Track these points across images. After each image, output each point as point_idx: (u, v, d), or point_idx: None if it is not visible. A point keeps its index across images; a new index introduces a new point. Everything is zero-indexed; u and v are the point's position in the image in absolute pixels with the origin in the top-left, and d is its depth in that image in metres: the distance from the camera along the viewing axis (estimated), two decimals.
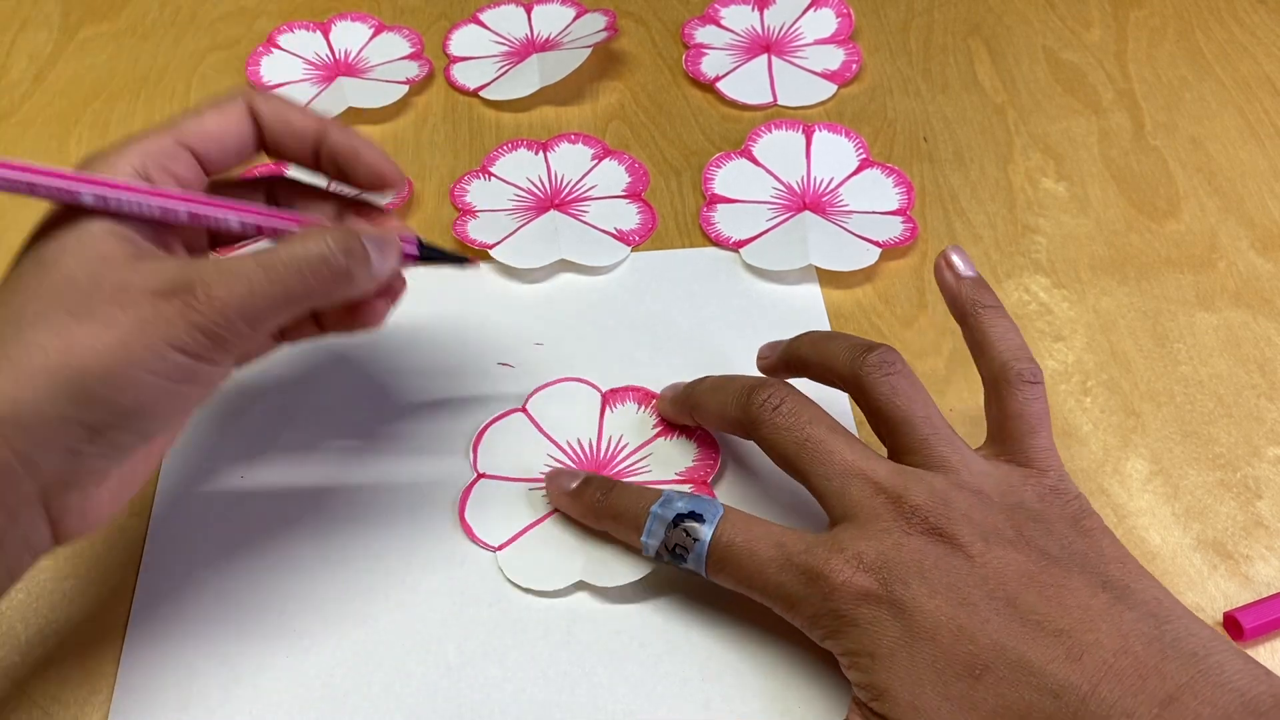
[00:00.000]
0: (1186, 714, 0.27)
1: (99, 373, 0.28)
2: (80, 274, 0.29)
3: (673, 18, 0.60)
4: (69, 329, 0.28)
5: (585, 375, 0.43)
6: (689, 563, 0.34)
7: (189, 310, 0.29)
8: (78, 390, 0.28)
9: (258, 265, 0.30)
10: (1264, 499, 0.39)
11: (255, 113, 0.34)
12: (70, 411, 0.28)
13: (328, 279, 0.31)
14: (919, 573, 0.30)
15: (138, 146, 0.32)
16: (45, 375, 0.28)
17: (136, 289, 0.29)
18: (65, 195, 0.30)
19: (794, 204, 0.49)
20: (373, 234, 0.33)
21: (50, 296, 0.29)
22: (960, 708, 0.29)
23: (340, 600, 0.37)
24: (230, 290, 0.29)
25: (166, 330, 0.29)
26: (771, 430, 0.34)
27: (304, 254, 0.31)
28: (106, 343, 0.28)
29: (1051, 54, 0.56)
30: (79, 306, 0.29)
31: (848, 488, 0.33)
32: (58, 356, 0.28)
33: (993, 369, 0.35)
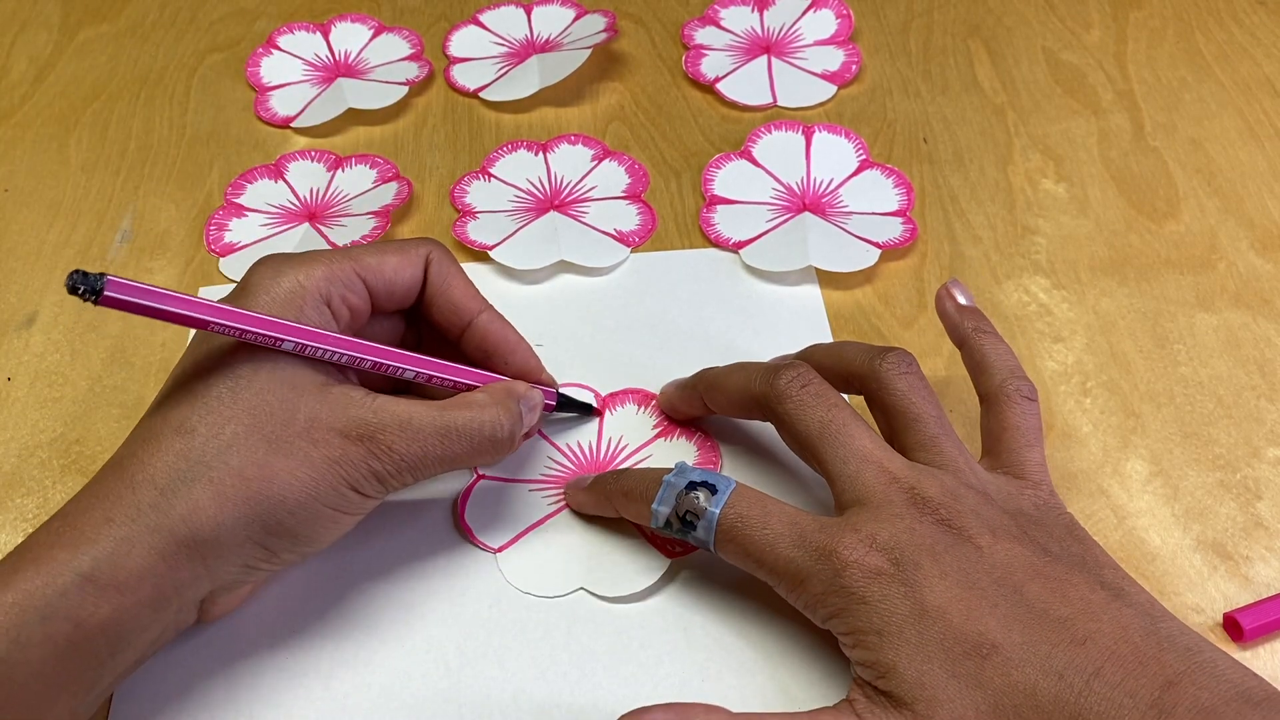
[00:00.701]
0: (1186, 697, 0.28)
1: (290, 505, 0.31)
2: (274, 401, 0.32)
3: (672, 19, 0.60)
4: (267, 460, 0.31)
5: (585, 376, 0.43)
6: (698, 532, 0.34)
7: (370, 457, 0.32)
8: (268, 519, 0.31)
9: (434, 429, 0.33)
10: (1264, 500, 0.39)
11: (428, 270, 0.37)
12: (258, 536, 0.31)
13: (489, 450, 0.35)
14: (930, 556, 0.31)
15: (324, 270, 0.34)
16: (245, 504, 0.31)
17: (325, 426, 0.32)
18: (271, 341, 0.32)
19: (794, 205, 0.49)
20: (530, 398, 0.37)
21: (247, 420, 0.31)
22: (967, 686, 0.29)
23: (340, 601, 0.37)
24: (408, 447, 0.33)
25: (349, 472, 0.32)
26: (797, 406, 0.35)
27: (476, 428, 0.34)
28: (300, 479, 0.31)
29: (1051, 55, 0.56)
30: (276, 437, 0.31)
31: (863, 473, 0.33)
32: (258, 487, 0.31)
33: (990, 386, 0.36)
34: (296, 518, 0.32)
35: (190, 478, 0.30)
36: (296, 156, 0.52)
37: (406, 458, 0.33)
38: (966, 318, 0.38)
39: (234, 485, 0.31)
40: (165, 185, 0.52)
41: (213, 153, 0.53)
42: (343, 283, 0.35)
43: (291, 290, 0.33)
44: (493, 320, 0.38)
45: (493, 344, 0.37)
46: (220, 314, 0.31)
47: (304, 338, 0.33)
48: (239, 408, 0.32)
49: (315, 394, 0.32)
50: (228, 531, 0.31)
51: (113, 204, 0.51)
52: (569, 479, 0.39)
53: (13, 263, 0.49)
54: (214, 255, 0.48)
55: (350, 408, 0.33)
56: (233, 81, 0.57)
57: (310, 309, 0.34)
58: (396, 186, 0.50)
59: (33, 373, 0.44)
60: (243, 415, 0.31)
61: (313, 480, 0.32)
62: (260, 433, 0.31)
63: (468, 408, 0.34)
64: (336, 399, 0.33)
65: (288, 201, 0.50)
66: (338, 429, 0.32)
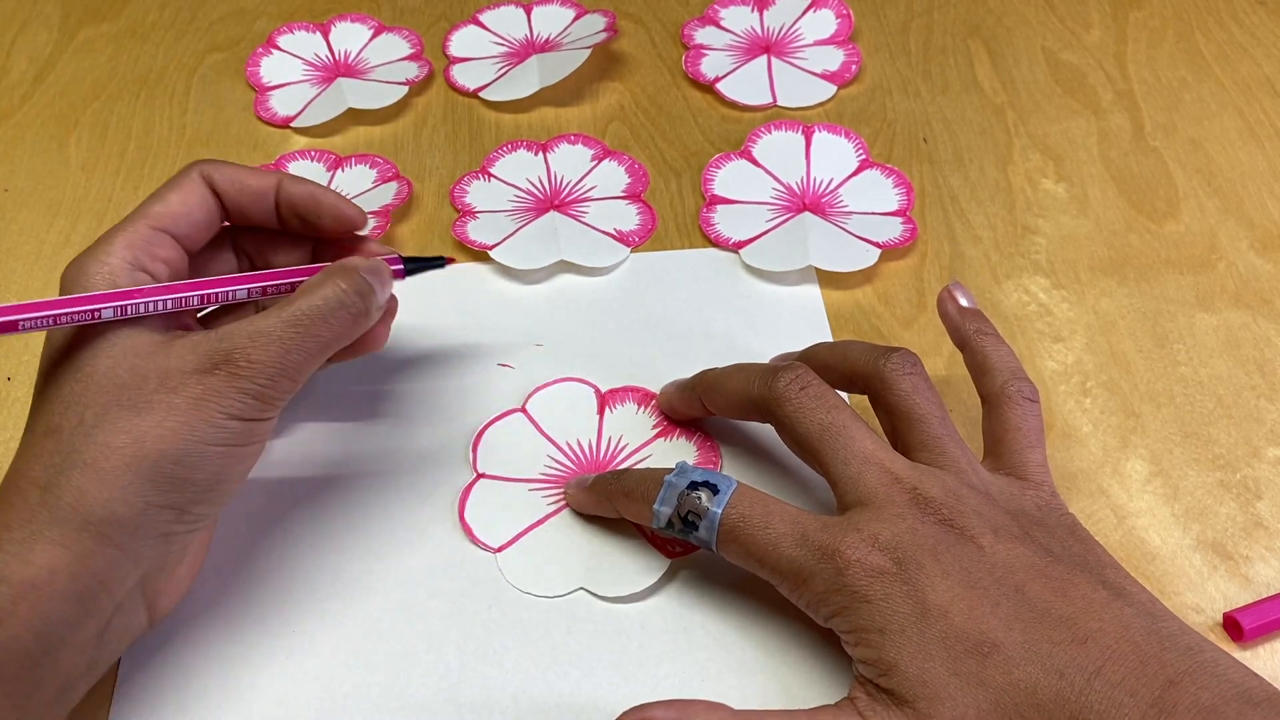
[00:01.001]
0: (1187, 696, 0.28)
1: (172, 455, 0.31)
2: (121, 371, 0.32)
3: (672, 18, 0.60)
4: (132, 424, 0.31)
5: (585, 375, 0.43)
6: (700, 532, 0.34)
7: (234, 379, 0.32)
8: (157, 477, 0.31)
9: (284, 323, 0.33)
10: (1264, 500, 0.39)
11: (211, 183, 0.36)
12: (156, 498, 0.31)
13: (348, 320, 0.34)
14: (932, 556, 0.31)
15: (122, 239, 0.34)
16: (125, 471, 0.31)
17: (178, 372, 0.32)
18: (89, 317, 0.32)
19: (794, 205, 0.49)
20: (367, 265, 0.35)
21: (102, 398, 0.31)
22: (969, 684, 0.29)
23: (340, 601, 0.37)
24: (266, 351, 0.32)
25: (219, 402, 0.32)
26: (796, 409, 0.35)
27: (324, 303, 0.33)
28: (170, 427, 0.31)
29: (1051, 55, 0.56)
30: (134, 401, 0.31)
31: (864, 474, 0.33)
32: (131, 450, 0.31)
33: (992, 388, 0.36)
34: (184, 465, 0.31)
35: (66, 466, 0.30)
36: (296, 156, 0.52)
37: (270, 362, 0.32)
38: (968, 319, 0.38)
39: (106, 458, 0.30)
40: None
41: (212, 152, 0.53)
42: (145, 242, 0.34)
43: (99, 271, 0.33)
44: (293, 183, 0.37)
45: (303, 206, 0.37)
46: (26, 309, 0.31)
47: (119, 299, 0.32)
48: (92, 391, 0.31)
49: (160, 352, 0.32)
50: (121, 504, 0.30)
51: (113, 204, 0.51)
52: (569, 478, 0.39)
53: (13, 263, 0.49)
54: None
55: (196, 348, 0.32)
56: (233, 81, 0.57)
57: (124, 280, 0.33)
58: (396, 186, 0.50)
59: (33, 372, 0.44)
60: (97, 396, 0.31)
61: (184, 424, 0.31)
62: (118, 405, 0.31)
63: (307, 292, 0.34)
64: (181, 347, 0.32)
65: None
66: (191, 370, 0.32)
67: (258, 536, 0.38)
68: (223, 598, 0.37)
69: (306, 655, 0.36)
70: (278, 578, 0.37)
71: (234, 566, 0.38)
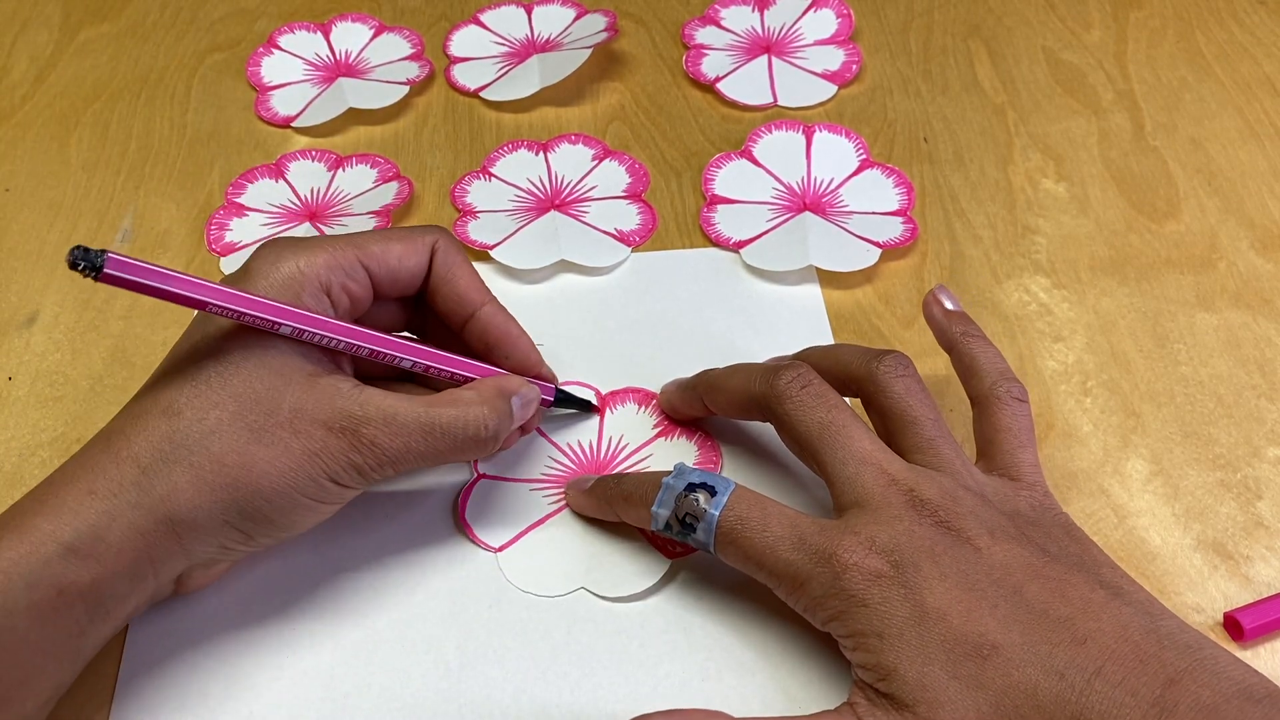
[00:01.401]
0: (1187, 695, 0.28)
1: (267, 494, 0.32)
2: (261, 388, 0.32)
3: (673, 18, 0.60)
4: (248, 448, 0.32)
5: (586, 375, 0.43)
6: (698, 534, 0.34)
7: (352, 450, 0.33)
8: (245, 506, 0.32)
9: (418, 424, 0.33)
10: (1264, 499, 0.39)
11: (434, 258, 0.37)
12: (235, 520, 0.32)
13: (471, 449, 0.35)
14: (930, 558, 0.31)
15: (326, 257, 0.35)
16: (222, 490, 0.31)
17: (309, 417, 0.32)
18: (268, 325, 0.32)
19: (794, 204, 0.49)
20: (526, 394, 0.36)
21: (233, 406, 0.32)
22: (968, 687, 0.29)
23: (340, 601, 0.37)
24: (391, 441, 0.33)
25: (329, 464, 0.32)
26: (796, 407, 0.35)
27: (461, 427, 0.34)
28: (279, 469, 0.32)
29: (1051, 55, 0.56)
30: (259, 426, 0.32)
31: (862, 475, 0.33)
32: (236, 474, 0.31)
33: (981, 389, 0.36)
34: (273, 505, 0.32)
35: (172, 459, 0.31)
36: (297, 156, 0.52)
37: (388, 452, 0.33)
38: (954, 322, 0.38)
39: (213, 471, 0.31)
40: (166, 185, 0.52)
41: (213, 152, 0.53)
42: (344, 270, 0.35)
43: (290, 276, 0.34)
44: (496, 313, 0.38)
45: (495, 337, 0.37)
46: (218, 295, 0.31)
47: (302, 322, 0.33)
48: (226, 393, 0.32)
49: (303, 384, 0.33)
50: (204, 515, 0.31)
51: (113, 203, 0.51)
52: (569, 478, 0.39)
53: (14, 262, 0.49)
54: (215, 255, 0.48)
55: (336, 399, 0.33)
56: (233, 81, 0.57)
57: (308, 296, 0.34)
58: (397, 186, 0.50)
59: (34, 372, 0.44)
60: (228, 401, 0.32)
61: (291, 471, 0.32)
62: (244, 420, 0.32)
63: (454, 404, 0.34)
64: (323, 390, 0.33)
65: (288, 201, 0.50)
66: (321, 420, 0.32)
67: None
68: (223, 597, 0.37)
69: (307, 655, 0.36)
70: (279, 578, 0.37)
71: (235, 566, 0.38)
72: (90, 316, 0.46)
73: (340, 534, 0.38)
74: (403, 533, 0.38)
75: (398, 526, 0.39)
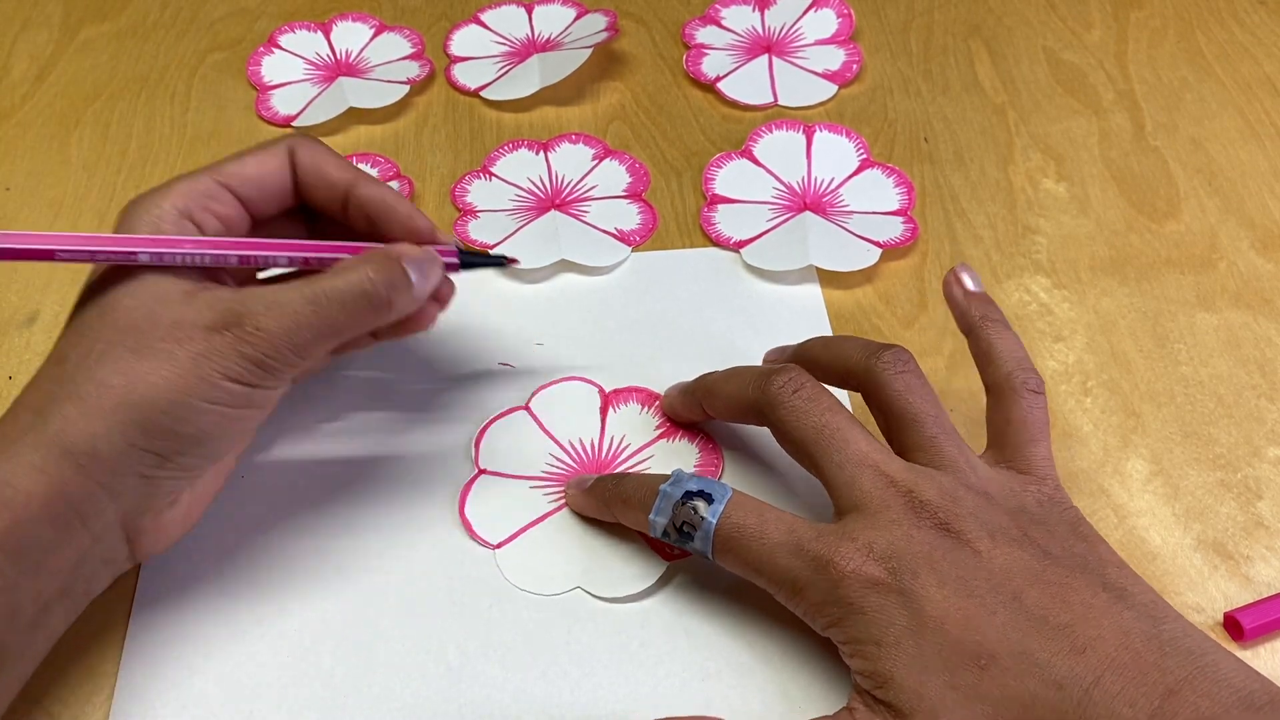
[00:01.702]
0: (1186, 706, 0.27)
1: (161, 405, 0.31)
2: (139, 314, 0.32)
3: (673, 18, 0.60)
4: (131, 366, 0.31)
5: (586, 375, 0.43)
6: (695, 542, 0.34)
7: (239, 342, 0.32)
8: (144, 422, 0.31)
9: (303, 298, 0.32)
10: (1264, 499, 0.39)
11: (293, 158, 0.36)
12: (140, 441, 0.31)
13: (369, 309, 0.34)
14: (928, 564, 0.31)
15: (180, 187, 0.34)
16: (114, 411, 0.31)
17: (189, 324, 0.32)
18: (125, 257, 0.32)
19: (794, 204, 0.49)
20: (414, 256, 0.35)
21: (112, 336, 0.32)
22: (966, 697, 0.29)
23: (340, 600, 0.37)
24: (278, 322, 0.32)
25: (219, 362, 0.32)
26: (790, 412, 0.34)
27: (346, 287, 0.33)
28: (165, 376, 0.31)
29: (1052, 54, 0.56)
30: (139, 344, 0.31)
31: (859, 477, 0.33)
32: (122, 392, 0.31)
33: (997, 378, 0.36)
34: (172, 417, 0.31)
35: (60, 396, 0.31)
36: None
37: (278, 334, 0.32)
38: (975, 305, 0.37)
39: (98, 395, 0.31)
40: None
41: (214, 152, 0.53)
42: (202, 194, 0.34)
43: (146, 212, 0.33)
44: (369, 186, 0.36)
45: (374, 209, 0.36)
46: (66, 240, 0.32)
47: (157, 246, 0.32)
48: (106, 328, 0.32)
49: (180, 300, 0.32)
50: (103, 440, 0.31)
51: (114, 203, 0.51)
52: (570, 477, 0.39)
53: (14, 261, 0.48)
54: None
55: (215, 304, 0.32)
56: (234, 81, 0.57)
57: (169, 227, 0.33)
58: (397, 185, 0.50)
59: (34, 371, 0.44)
60: (109, 332, 0.32)
61: (179, 377, 0.31)
62: (124, 344, 0.31)
63: (336, 273, 0.33)
64: (202, 300, 0.32)
65: None
66: (202, 324, 0.32)
67: (259, 536, 0.38)
68: (223, 596, 0.37)
69: (307, 654, 0.36)
70: (278, 577, 0.37)
71: (235, 564, 0.38)
72: None
73: (340, 533, 0.38)
74: (402, 528, 0.38)
75: (397, 522, 0.39)
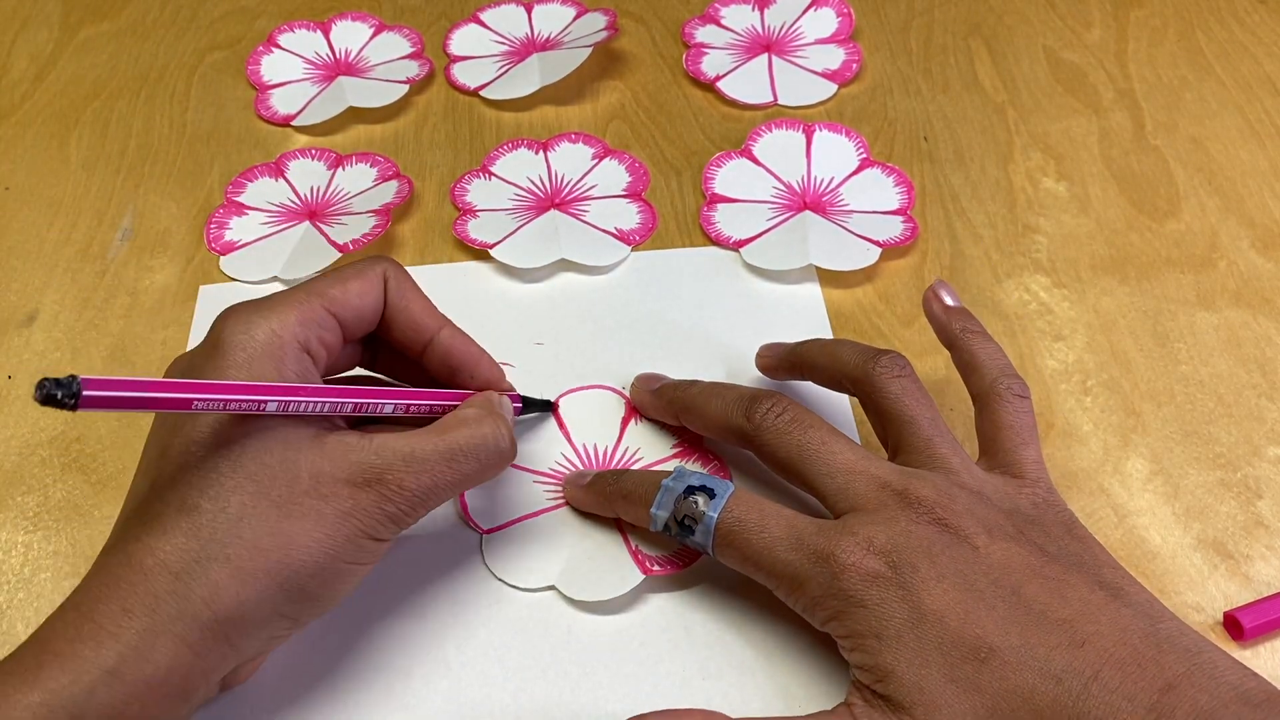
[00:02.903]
0: (1185, 701, 0.28)
1: (311, 569, 0.30)
2: (275, 463, 0.30)
3: (673, 17, 0.59)
4: (281, 527, 0.30)
5: (585, 375, 0.43)
6: (696, 536, 0.34)
7: (383, 501, 0.31)
8: (292, 589, 0.30)
9: (439, 455, 0.32)
10: (1264, 499, 0.39)
11: (386, 289, 0.35)
12: (283, 607, 0.30)
13: (495, 462, 0.34)
14: (928, 558, 0.31)
15: (296, 313, 0.33)
16: (266, 577, 0.29)
17: (330, 479, 0.31)
18: (254, 407, 0.30)
19: (794, 203, 0.49)
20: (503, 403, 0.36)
21: (253, 489, 0.30)
22: (965, 690, 0.29)
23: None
24: (418, 480, 0.32)
25: (365, 521, 0.31)
26: (774, 435, 0.35)
27: (480, 442, 0.33)
28: (318, 540, 0.30)
29: (1052, 54, 0.56)
30: (284, 500, 0.30)
31: (852, 484, 0.33)
32: (277, 556, 0.29)
33: (983, 386, 0.36)
34: (318, 580, 0.30)
35: (205, 558, 0.29)
36: (297, 155, 0.52)
37: (418, 491, 0.32)
38: (954, 318, 0.38)
39: (252, 559, 0.29)
40: (166, 184, 0.52)
41: (213, 151, 0.53)
42: (317, 323, 0.33)
43: (268, 343, 0.32)
44: (454, 335, 0.36)
45: (458, 359, 0.36)
46: (200, 389, 0.29)
47: (288, 394, 0.31)
48: (240, 476, 0.30)
49: (312, 447, 0.31)
50: (252, 608, 0.29)
51: (113, 202, 0.51)
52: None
53: (14, 261, 0.49)
54: (214, 254, 0.48)
55: (350, 454, 0.31)
56: (233, 80, 0.57)
57: (291, 360, 0.32)
58: (397, 185, 0.50)
59: (33, 371, 0.44)
60: (246, 484, 0.30)
61: (329, 538, 0.30)
62: (268, 499, 0.30)
63: (464, 425, 0.33)
64: (334, 448, 0.31)
65: (288, 200, 0.50)
66: (343, 479, 0.31)
67: None
68: None
69: (306, 654, 0.36)
70: None
71: None
72: (90, 315, 0.46)
73: None
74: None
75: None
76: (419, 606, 0.37)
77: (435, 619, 0.36)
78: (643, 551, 0.37)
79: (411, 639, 0.36)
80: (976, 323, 0.38)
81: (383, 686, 0.35)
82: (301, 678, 0.35)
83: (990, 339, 0.38)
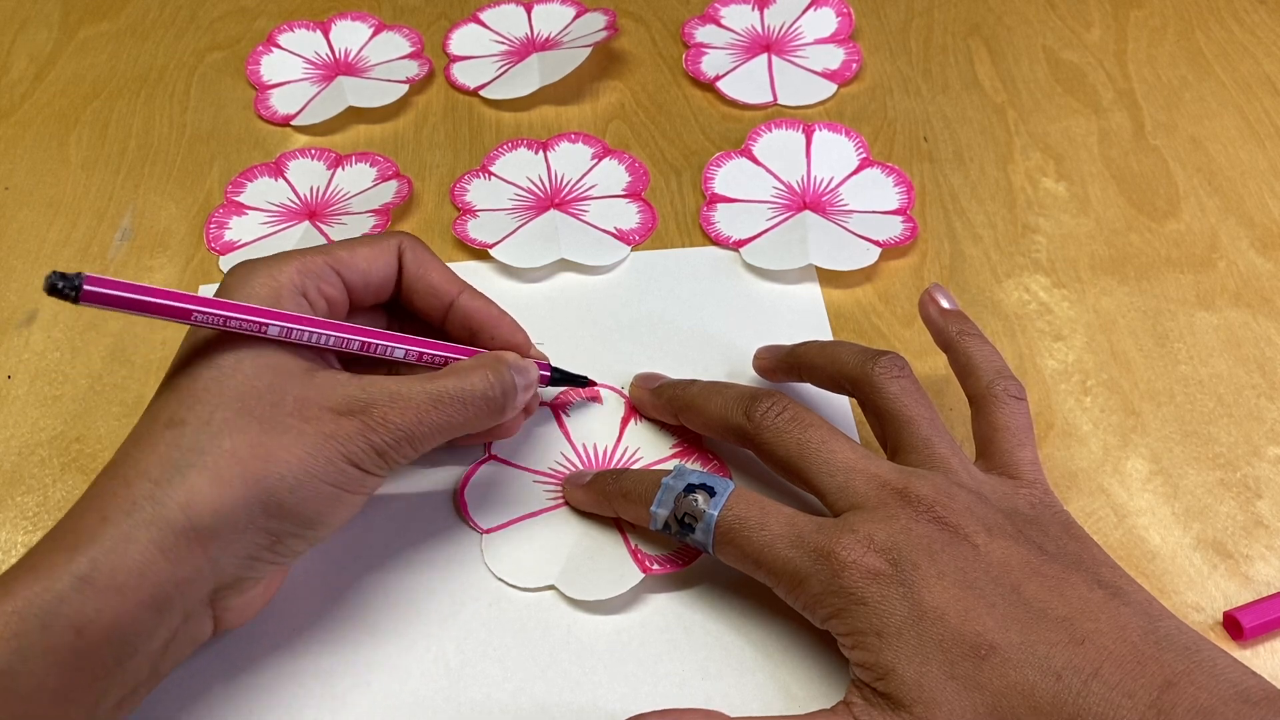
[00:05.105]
0: (1184, 698, 0.28)
1: (290, 483, 0.31)
2: (261, 384, 0.31)
3: (673, 17, 0.59)
4: (262, 440, 0.31)
5: (586, 373, 0.43)
6: (697, 534, 0.34)
7: (366, 429, 0.32)
8: (270, 501, 0.30)
9: (426, 395, 0.33)
10: (1264, 498, 0.39)
11: (402, 258, 0.37)
12: (260, 520, 0.31)
13: (486, 412, 0.34)
14: (928, 556, 0.31)
15: (297, 263, 0.34)
16: (244, 485, 0.30)
17: (316, 404, 0.32)
18: (255, 328, 0.32)
19: (794, 203, 0.49)
20: (521, 366, 0.36)
21: (238, 403, 0.31)
22: (965, 687, 0.29)
23: (338, 598, 0.37)
24: (402, 416, 0.32)
25: (345, 446, 0.32)
26: (773, 434, 0.35)
27: (469, 389, 0.34)
28: (296, 454, 0.31)
29: (1051, 54, 0.56)
30: (268, 416, 0.31)
31: (851, 482, 0.33)
32: (255, 466, 0.30)
33: (979, 388, 0.36)
34: (297, 496, 0.31)
35: (184, 465, 0.30)
36: (296, 155, 0.52)
37: (402, 428, 0.32)
38: (950, 321, 0.38)
39: (230, 466, 0.30)
40: (165, 183, 0.52)
41: (213, 151, 0.53)
42: (316, 274, 0.35)
43: (266, 284, 0.33)
44: (474, 298, 0.37)
45: (478, 321, 0.37)
46: (202, 303, 0.31)
47: (289, 321, 0.33)
48: (226, 394, 0.31)
49: (302, 377, 0.32)
50: (228, 515, 0.30)
51: (113, 202, 0.51)
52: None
53: (13, 261, 0.49)
54: (214, 253, 0.48)
55: (338, 387, 0.32)
56: (233, 80, 0.57)
57: (287, 300, 0.33)
58: (396, 185, 0.50)
59: (33, 371, 0.44)
60: (230, 401, 0.31)
61: (309, 456, 0.31)
62: (250, 415, 0.31)
63: (456, 374, 0.34)
64: (324, 380, 0.32)
65: (288, 200, 0.50)
66: (329, 406, 0.32)
67: None
68: None
69: (306, 654, 0.36)
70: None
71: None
72: (89, 315, 0.46)
73: (340, 532, 0.38)
74: (403, 531, 0.38)
75: (398, 521, 0.39)
76: (419, 606, 0.37)
77: (435, 619, 0.36)
78: (642, 551, 0.37)
79: (411, 638, 0.36)
80: (972, 325, 0.38)
81: (382, 686, 0.35)
82: (301, 676, 0.35)
83: (986, 341, 0.38)
